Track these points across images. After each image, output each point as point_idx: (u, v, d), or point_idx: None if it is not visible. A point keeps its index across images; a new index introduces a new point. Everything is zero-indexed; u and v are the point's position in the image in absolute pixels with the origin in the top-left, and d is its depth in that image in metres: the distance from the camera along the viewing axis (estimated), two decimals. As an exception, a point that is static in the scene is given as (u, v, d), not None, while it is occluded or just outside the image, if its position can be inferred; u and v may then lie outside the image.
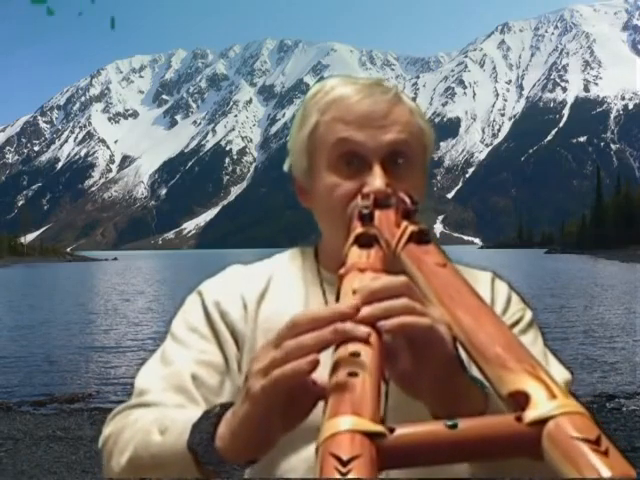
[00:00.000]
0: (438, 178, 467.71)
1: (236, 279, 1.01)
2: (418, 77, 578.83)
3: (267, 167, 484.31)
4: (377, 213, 0.80)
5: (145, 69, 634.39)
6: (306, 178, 0.98)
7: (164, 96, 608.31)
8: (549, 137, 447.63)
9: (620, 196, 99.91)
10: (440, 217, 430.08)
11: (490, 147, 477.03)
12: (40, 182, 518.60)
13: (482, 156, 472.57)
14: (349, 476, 0.45)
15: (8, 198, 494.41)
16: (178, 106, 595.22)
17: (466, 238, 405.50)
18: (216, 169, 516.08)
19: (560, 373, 0.93)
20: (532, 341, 0.95)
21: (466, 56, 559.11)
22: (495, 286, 1.01)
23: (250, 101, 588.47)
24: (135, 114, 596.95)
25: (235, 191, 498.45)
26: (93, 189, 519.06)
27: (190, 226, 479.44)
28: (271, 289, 0.99)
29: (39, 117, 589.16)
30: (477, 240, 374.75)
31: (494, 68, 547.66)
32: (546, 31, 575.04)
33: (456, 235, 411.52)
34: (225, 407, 0.69)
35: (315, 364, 0.58)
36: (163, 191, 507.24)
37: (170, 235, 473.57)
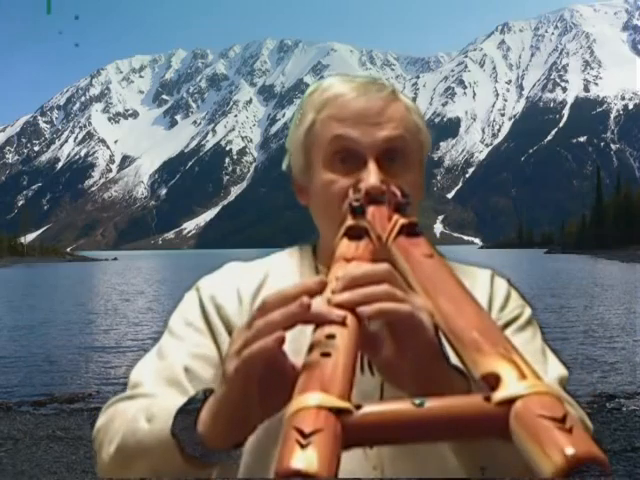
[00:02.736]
0: (438, 178, 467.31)
1: (233, 275, 1.02)
2: (418, 77, 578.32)
3: (267, 167, 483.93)
4: (370, 209, 0.80)
5: (145, 69, 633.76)
6: (303, 176, 0.99)
7: (164, 96, 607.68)
8: (549, 137, 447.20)
9: (620, 196, 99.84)
10: (440, 217, 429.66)
11: (490, 147, 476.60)
12: (40, 182, 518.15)
13: (482, 156, 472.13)
14: (309, 448, 0.46)
15: (8, 198, 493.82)
16: (178, 106, 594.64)
17: (466, 238, 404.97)
18: (216, 169, 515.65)
19: (557, 369, 0.93)
20: (530, 338, 0.95)
21: (466, 56, 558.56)
22: (494, 283, 1.01)
23: (250, 101, 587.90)
24: (135, 114, 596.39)
25: (235, 191, 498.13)
26: (93, 189, 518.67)
27: (190, 226, 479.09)
28: (267, 284, 0.99)
29: (39, 117, 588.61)
30: (477, 240, 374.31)
31: (494, 68, 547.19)
32: (546, 31, 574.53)
33: (456, 235, 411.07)
34: (208, 393, 0.69)
35: (281, 340, 0.58)
36: (163, 191, 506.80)
37: (170, 235, 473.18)
